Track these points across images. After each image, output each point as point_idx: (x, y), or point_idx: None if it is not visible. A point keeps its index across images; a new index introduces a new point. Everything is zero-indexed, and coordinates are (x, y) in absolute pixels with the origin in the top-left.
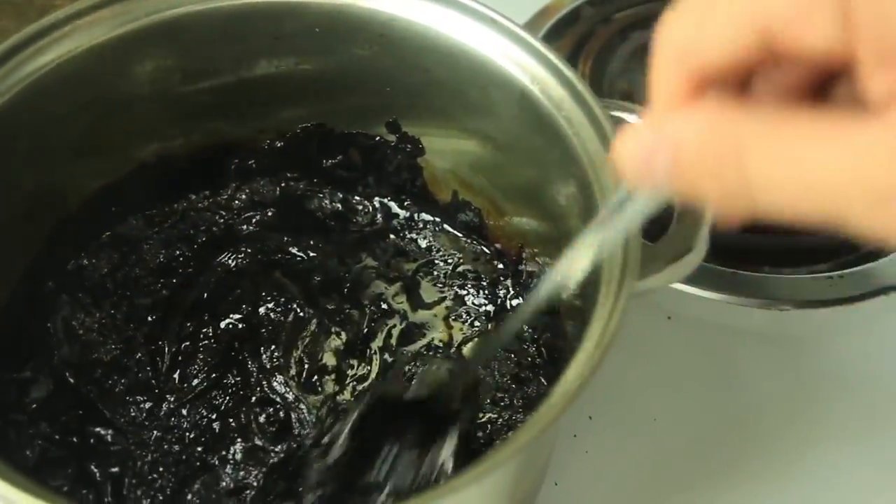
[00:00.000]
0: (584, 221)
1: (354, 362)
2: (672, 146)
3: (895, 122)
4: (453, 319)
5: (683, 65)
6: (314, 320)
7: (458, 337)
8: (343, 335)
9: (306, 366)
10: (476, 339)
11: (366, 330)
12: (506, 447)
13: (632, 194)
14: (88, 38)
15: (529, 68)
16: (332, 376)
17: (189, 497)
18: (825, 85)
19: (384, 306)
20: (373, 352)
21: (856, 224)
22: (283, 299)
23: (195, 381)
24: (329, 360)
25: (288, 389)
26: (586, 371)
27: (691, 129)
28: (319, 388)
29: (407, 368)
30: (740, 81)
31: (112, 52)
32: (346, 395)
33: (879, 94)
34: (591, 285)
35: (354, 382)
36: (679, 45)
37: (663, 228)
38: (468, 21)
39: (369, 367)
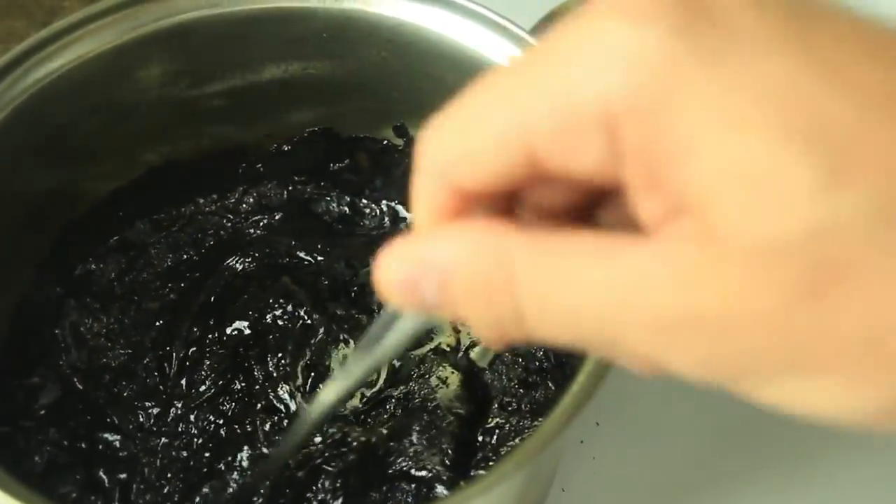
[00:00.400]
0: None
1: None
2: (438, 270)
3: (666, 245)
4: (461, 323)
5: (445, 181)
6: (322, 327)
7: (465, 341)
8: (351, 342)
9: (313, 373)
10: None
11: None
12: (514, 457)
13: (398, 313)
14: (97, 43)
15: None
16: None
17: (197, 502)
18: (595, 204)
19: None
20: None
21: (632, 353)
22: (290, 305)
23: (203, 387)
24: (337, 366)
25: (295, 396)
26: (596, 378)
27: (457, 252)
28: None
29: (413, 371)
30: (508, 198)
31: (120, 57)
32: (355, 401)
33: (650, 217)
34: None
35: (363, 388)
36: (440, 161)
37: None
38: (476, 27)
39: (377, 373)
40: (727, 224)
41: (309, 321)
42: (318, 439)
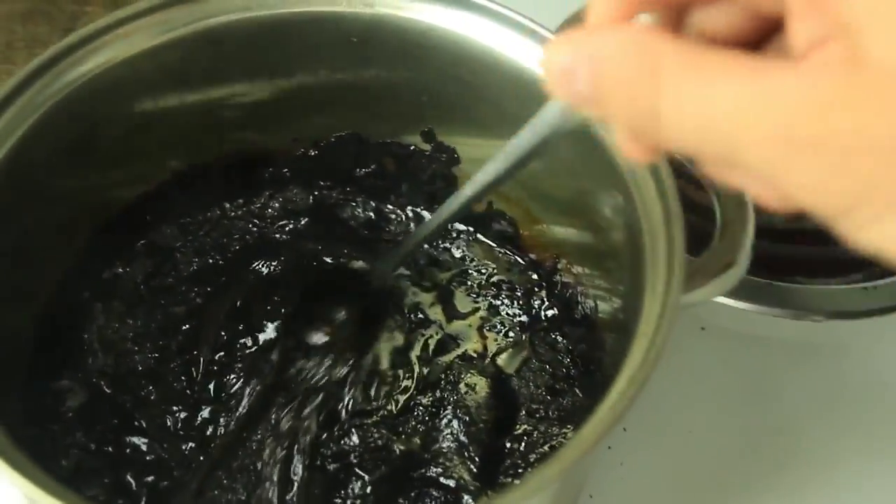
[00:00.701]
0: (627, 233)
1: (399, 373)
2: (593, 62)
3: (813, 67)
4: (487, 329)
5: None
6: (348, 329)
7: (492, 347)
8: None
9: (340, 376)
10: (509, 349)
11: (404, 340)
12: (554, 464)
13: (556, 107)
14: (127, 47)
15: None
16: (373, 387)
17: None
18: (755, 43)
19: (420, 315)
20: (413, 362)
21: (752, 169)
22: (319, 309)
23: (231, 391)
24: (372, 370)
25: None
26: (633, 386)
27: (613, 45)
28: (359, 399)
29: (441, 377)
30: (676, 19)
31: (150, 60)
32: (393, 407)
33: (801, 42)
34: (634, 297)
35: (399, 394)
36: None
37: (706, 243)
38: (506, 31)
39: (411, 380)
40: (879, 49)
41: (335, 324)
42: (354, 440)
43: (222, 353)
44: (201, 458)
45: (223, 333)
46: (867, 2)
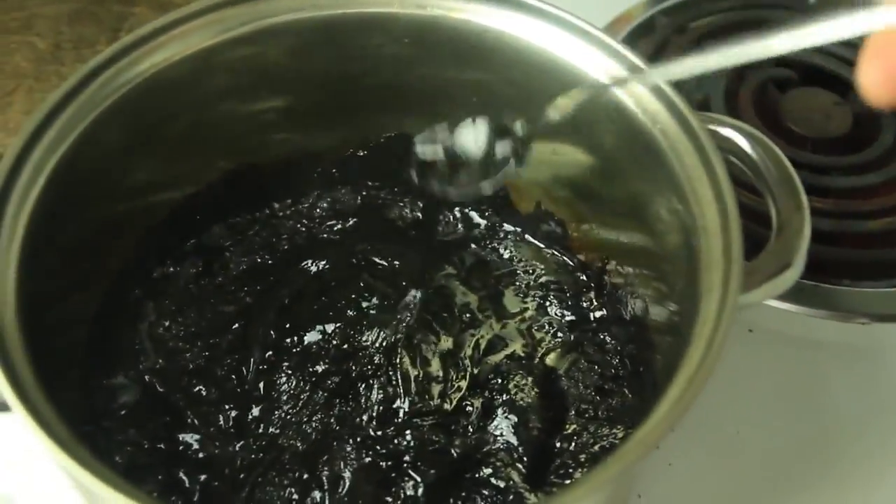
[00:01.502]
0: (682, 235)
1: (451, 373)
2: None
3: None
4: (536, 330)
5: None
6: (400, 331)
7: (540, 348)
8: (434, 346)
9: (392, 376)
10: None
11: (454, 341)
12: (616, 462)
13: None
14: (183, 47)
15: None
16: (425, 388)
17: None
18: None
19: (469, 316)
20: (463, 363)
21: None
22: (369, 309)
23: (281, 390)
24: (424, 370)
25: (384, 401)
26: (693, 388)
27: None
28: (411, 400)
29: (490, 378)
30: None
31: (204, 61)
32: (447, 406)
33: None
34: (688, 299)
35: (451, 395)
36: None
37: (760, 248)
38: (559, 32)
39: (463, 380)
40: None
41: (385, 324)
42: (408, 439)
43: (272, 352)
44: (253, 456)
45: (272, 332)
46: None
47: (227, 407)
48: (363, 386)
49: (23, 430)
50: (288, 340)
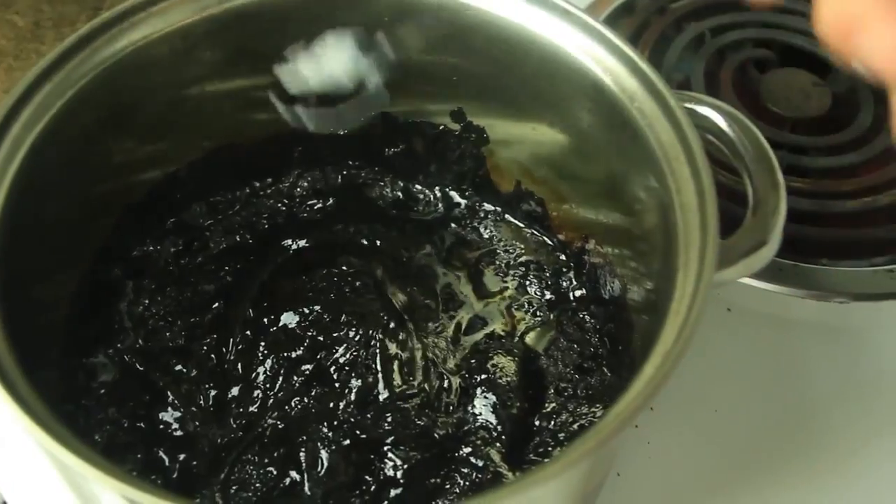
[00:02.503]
0: (660, 213)
1: (430, 353)
2: None
3: None
4: (515, 309)
5: None
6: (380, 310)
7: (520, 327)
8: (410, 324)
9: (371, 355)
10: (537, 328)
11: (435, 319)
12: (592, 437)
13: None
14: (163, 24)
15: (602, 59)
16: (405, 367)
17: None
18: None
19: (450, 294)
20: (444, 342)
21: None
22: (349, 288)
23: (261, 369)
24: (403, 350)
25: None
26: (667, 364)
27: None
28: (390, 379)
29: (469, 357)
30: None
31: (184, 39)
32: (426, 387)
33: None
34: (665, 278)
35: (431, 374)
36: None
37: (738, 224)
38: (539, 12)
39: (442, 360)
40: None
41: (365, 304)
42: (388, 420)
43: (251, 332)
44: (232, 435)
45: (252, 312)
46: None
47: (206, 386)
48: (343, 367)
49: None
50: (267, 320)
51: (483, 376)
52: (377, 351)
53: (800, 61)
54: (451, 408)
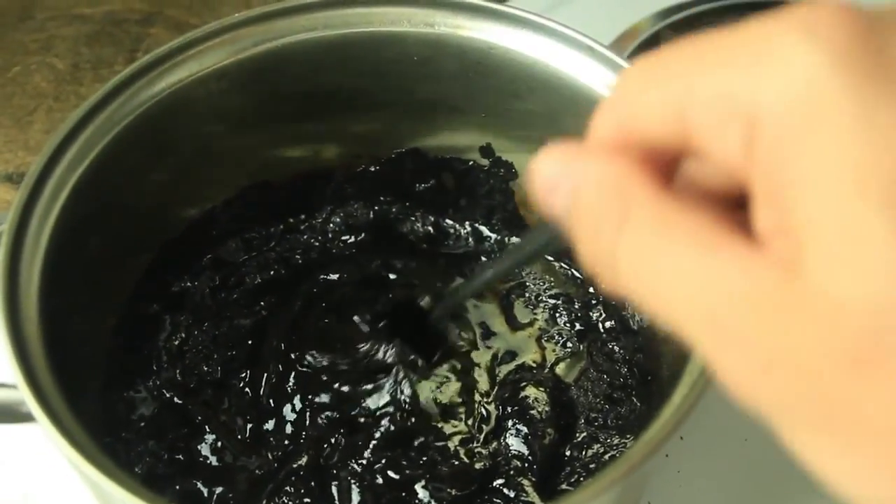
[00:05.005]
0: None
1: (463, 386)
2: (573, 181)
3: (759, 262)
4: (545, 340)
5: (618, 117)
6: (418, 341)
7: (550, 358)
8: (450, 358)
9: (403, 391)
10: (567, 359)
11: (467, 353)
12: (621, 465)
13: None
14: (197, 67)
15: None
16: (438, 401)
17: None
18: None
19: (482, 327)
20: (476, 374)
21: (692, 344)
22: (384, 322)
23: (298, 404)
24: (438, 384)
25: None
26: (694, 393)
27: (595, 173)
28: (423, 414)
29: (500, 388)
30: (667, 163)
31: (218, 81)
32: (464, 419)
33: (762, 227)
34: None
35: (470, 406)
36: (622, 97)
37: None
38: (564, 48)
39: (475, 392)
40: (814, 268)
41: (397, 339)
42: (421, 453)
43: (287, 366)
44: (267, 467)
45: (286, 346)
46: (813, 218)
47: (243, 419)
48: (377, 401)
49: (43, 438)
50: (302, 355)
51: (515, 407)
52: (412, 386)
53: None
54: (483, 439)
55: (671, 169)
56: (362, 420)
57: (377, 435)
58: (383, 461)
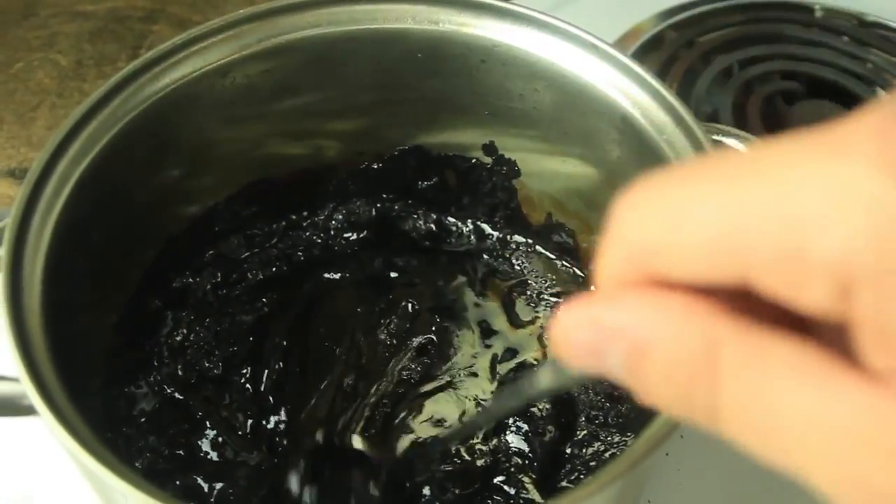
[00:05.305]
0: None
1: (465, 382)
2: (630, 340)
3: (886, 400)
4: (547, 338)
5: (638, 263)
6: (415, 342)
7: (551, 356)
8: (457, 354)
9: (404, 388)
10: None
11: (470, 351)
12: (621, 462)
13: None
14: (201, 63)
15: (631, 93)
16: (442, 399)
17: None
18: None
19: (484, 325)
20: (478, 372)
21: (811, 486)
22: (384, 319)
23: (296, 398)
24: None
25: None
26: None
27: (657, 327)
28: (428, 412)
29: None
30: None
31: (222, 78)
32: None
33: (881, 365)
34: None
35: (466, 402)
36: (639, 243)
37: None
38: (569, 46)
39: (477, 389)
40: None
41: (400, 336)
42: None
43: (289, 363)
44: (269, 464)
45: (287, 342)
46: None
47: (243, 415)
48: (379, 399)
49: (45, 433)
50: (304, 352)
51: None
52: (413, 381)
53: (827, 93)
54: (487, 438)
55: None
56: (364, 416)
57: (377, 433)
58: (383, 458)
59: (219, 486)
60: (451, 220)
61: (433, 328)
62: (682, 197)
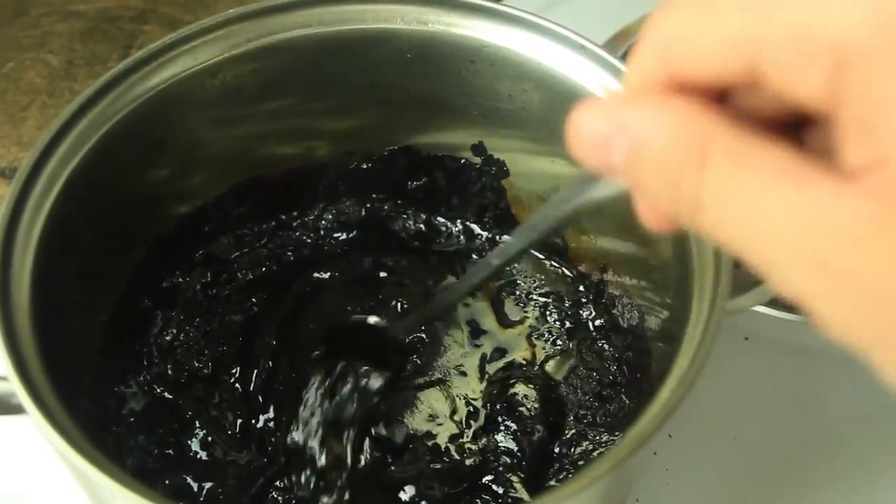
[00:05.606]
0: (675, 244)
1: (455, 382)
2: (632, 135)
3: (859, 194)
4: (535, 338)
5: (665, 59)
6: (402, 339)
7: (540, 355)
8: (446, 354)
9: (396, 384)
10: (556, 356)
11: (458, 350)
12: (608, 459)
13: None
14: (191, 62)
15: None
16: (431, 399)
17: None
18: (798, 125)
19: (473, 325)
20: (467, 371)
21: (785, 285)
22: (374, 318)
23: (287, 400)
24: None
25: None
26: (681, 389)
27: (658, 124)
28: (416, 412)
29: (491, 385)
30: (716, 94)
31: (212, 77)
32: (455, 417)
33: (853, 160)
34: (681, 307)
35: (460, 404)
36: (667, 38)
37: None
38: (557, 47)
39: (467, 388)
40: None
41: (388, 335)
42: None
43: (278, 362)
44: (258, 464)
45: (277, 342)
46: None
47: (233, 415)
48: (368, 399)
49: (35, 432)
50: (293, 351)
51: (504, 404)
52: (403, 383)
53: None
54: (475, 438)
55: (719, 100)
56: (354, 416)
57: (368, 434)
58: (374, 458)
59: (208, 485)
60: (441, 220)
61: (423, 327)
62: (708, 2)
